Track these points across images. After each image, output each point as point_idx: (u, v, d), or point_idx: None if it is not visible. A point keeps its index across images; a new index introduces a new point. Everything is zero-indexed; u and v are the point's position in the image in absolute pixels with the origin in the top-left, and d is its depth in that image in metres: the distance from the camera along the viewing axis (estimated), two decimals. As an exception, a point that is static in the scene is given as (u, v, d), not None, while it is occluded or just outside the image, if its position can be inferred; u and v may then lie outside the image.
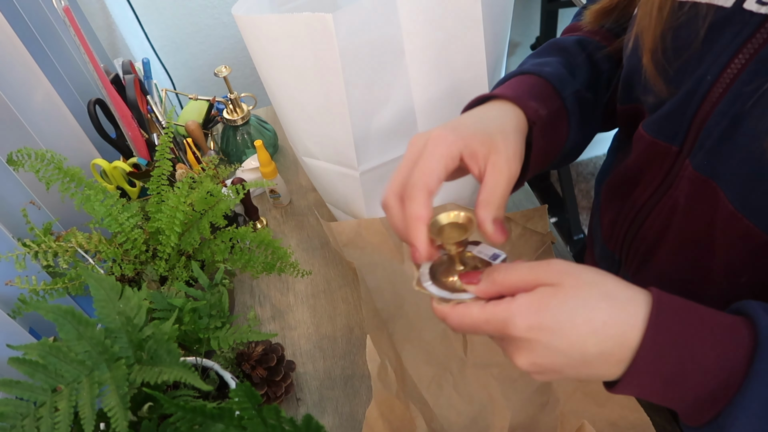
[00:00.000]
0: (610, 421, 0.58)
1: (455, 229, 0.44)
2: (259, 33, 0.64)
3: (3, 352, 0.52)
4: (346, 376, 0.74)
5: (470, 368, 0.68)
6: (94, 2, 1.19)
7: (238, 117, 0.99)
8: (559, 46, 0.61)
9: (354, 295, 0.83)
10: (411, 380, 0.67)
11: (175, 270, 0.69)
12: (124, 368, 0.45)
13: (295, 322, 0.81)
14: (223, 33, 1.42)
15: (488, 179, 0.45)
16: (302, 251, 0.90)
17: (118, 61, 0.98)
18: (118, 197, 0.68)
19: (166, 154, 0.74)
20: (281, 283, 0.86)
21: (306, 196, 0.98)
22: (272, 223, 0.95)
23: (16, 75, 0.77)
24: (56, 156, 0.66)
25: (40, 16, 0.90)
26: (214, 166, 0.81)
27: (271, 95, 0.72)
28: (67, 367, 0.45)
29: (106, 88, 0.84)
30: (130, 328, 0.47)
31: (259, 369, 0.68)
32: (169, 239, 0.68)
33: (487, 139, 0.46)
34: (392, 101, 0.65)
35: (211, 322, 0.61)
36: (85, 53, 0.79)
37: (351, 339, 0.78)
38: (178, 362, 0.46)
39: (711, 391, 0.36)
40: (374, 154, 0.69)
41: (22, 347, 0.44)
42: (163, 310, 0.60)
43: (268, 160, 0.90)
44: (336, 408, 0.72)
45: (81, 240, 0.67)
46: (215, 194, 0.72)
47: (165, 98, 1.04)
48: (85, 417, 0.42)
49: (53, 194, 0.70)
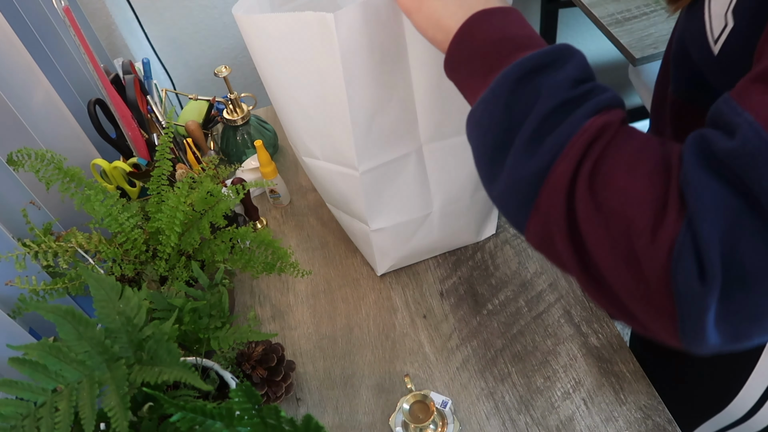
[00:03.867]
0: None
1: (420, 405, 0.65)
2: (260, 32, 0.63)
3: (3, 352, 0.52)
4: (346, 376, 0.74)
5: None
6: (94, 2, 1.19)
7: (238, 117, 0.99)
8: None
9: (354, 295, 0.83)
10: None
11: (175, 270, 0.69)
12: (124, 368, 0.45)
13: (295, 322, 0.81)
14: (223, 33, 1.42)
15: None
16: (302, 251, 0.90)
17: (118, 61, 0.98)
18: (118, 197, 0.68)
19: (166, 154, 0.74)
20: (281, 283, 0.86)
21: (306, 196, 0.98)
22: (272, 223, 0.95)
23: (16, 75, 0.76)
24: (56, 156, 0.66)
25: (40, 16, 0.90)
26: (214, 166, 0.81)
27: (271, 95, 0.72)
28: (67, 367, 0.45)
29: (106, 88, 0.83)
30: (130, 328, 0.47)
31: (259, 369, 0.68)
32: (169, 239, 0.68)
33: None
34: (394, 101, 0.65)
35: (211, 322, 0.61)
36: (85, 53, 0.79)
37: (351, 339, 0.78)
38: (178, 362, 0.46)
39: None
40: (375, 153, 0.68)
41: (22, 347, 0.44)
42: (163, 310, 0.60)
43: (268, 160, 0.90)
44: (336, 408, 0.72)
45: (81, 240, 0.67)
46: (215, 194, 0.72)
47: (165, 98, 1.04)
48: (85, 417, 0.42)
49: (53, 194, 0.70)
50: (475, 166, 0.46)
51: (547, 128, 0.40)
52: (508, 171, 0.42)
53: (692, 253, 0.33)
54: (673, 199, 0.35)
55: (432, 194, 0.76)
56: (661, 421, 0.65)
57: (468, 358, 0.74)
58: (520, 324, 0.76)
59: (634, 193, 0.36)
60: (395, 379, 0.73)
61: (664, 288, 0.35)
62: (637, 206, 0.36)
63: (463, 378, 0.72)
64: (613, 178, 0.37)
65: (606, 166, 0.38)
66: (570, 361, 0.72)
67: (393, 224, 0.77)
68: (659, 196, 0.36)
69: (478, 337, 0.76)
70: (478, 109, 0.44)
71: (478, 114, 0.44)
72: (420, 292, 0.82)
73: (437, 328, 0.78)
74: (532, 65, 0.41)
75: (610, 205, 0.37)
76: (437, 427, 0.67)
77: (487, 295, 0.80)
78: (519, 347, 0.74)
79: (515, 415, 0.68)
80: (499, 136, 0.42)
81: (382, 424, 0.70)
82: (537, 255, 0.83)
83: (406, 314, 0.80)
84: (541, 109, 0.40)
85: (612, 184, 0.37)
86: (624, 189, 0.37)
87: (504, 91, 0.42)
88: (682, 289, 0.34)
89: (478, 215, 0.82)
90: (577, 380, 0.70)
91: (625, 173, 0.37)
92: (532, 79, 0.41)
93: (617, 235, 0.37)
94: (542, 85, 0.41)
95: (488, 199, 0.81)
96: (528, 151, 0.40)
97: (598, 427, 0.66)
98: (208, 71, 1.48)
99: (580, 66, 0.41)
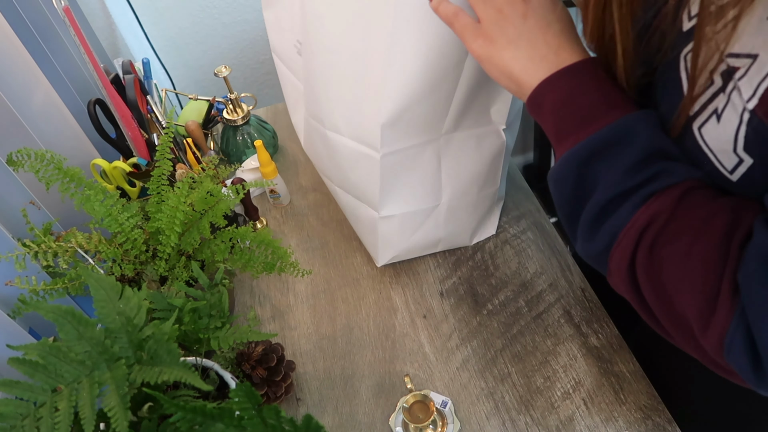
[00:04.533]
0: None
1: (419, 405, 0.65)
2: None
3: (3, 352, 0.52)
4: (346, 376, 0.74)
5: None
6: (94, 2, 1.19)
7: (238, 117, 0.99)
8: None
9: (354, 295, 0.83)
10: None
11: (175, 270, 0.69)
12: (124, 368, 0.45)
13: (295, 322, 0.81)
14: (223, 33, 1.41)
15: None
16: (302, 251, 0.90)
17: (118, 61, 0.98)
18: (118, 197, 0.68)
19: (166, 154, 0.74)
20: (281, 283, 0.86)
21: (306, 196, 0.98)
22: (272, 223, 0.95)
23: (16, 75, 0.76)
24: (56, 156, 0.66)
25: (40, 16, 0.90)
26: (214, 166, 0.81)
27: (309, 60, 0.70)
28: (67, 367, 0.45)
29: (106, 88, 0.83)
30: (130, 328, 0.47)
31: (259, 369, 0.68)
32: (169, 239, 0.68)
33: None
34: (435, 95, 0.63)
35: (211, 322, 0.61)
36: (85, 53, 0.79)
37: (351, 339, 0.78)
38: (178, 362, 0.46)
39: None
40: (398, 138, 0.67)
41: (22, 347, 0.44)
42: (163, 310, 0.60)
43: (268, 160, 0.90)
44: (336, 408, 0.72)
45: (81, 240, 0.67)
46: (215, 194, 0.72)
47: (165, 98, 1.04)
48: (85, 417, 0.42)
49: (53, 194, 0.70)
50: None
51: (603, 217, 0.43)
52: (579, 241, 0.47)
53: (744, 346, 0.36)
54: (726, 288, 0.37)
55: (443, 185, 0.75)
56: (661, 421, 0.65)
57: (468, 358, 0.74)
58: (520, 324, 0.76)
59: (687, 282, 0.39)
60: (395, 379, 0.73)
61: (724, 364, 0.39)
62: (689, 295, 0.39)
63: (463, 378, 0.72)
64: (665, 267, 0.40)
65: (658, 256, 0.41)
66: (570, 361, 0.72)
67: (401, 213, 0.76)
68: (712, 286, 0.38)
69: (478, 337, 0.76)
70: (555, 173, 0.48)
71: (555, 178, 0.48)
72: (420, 292, 0.82)
73: (437, 328, 0.78)
74: (593, 149, 0.44)
75: (667, 292, 0.40)
76: (437, 427, 0.67)
77: (487, 295, 0.80)
78: (519, 347, 0.74)
79: (515, 415, 0.68)
80: (569, 209, 0.47)
81: (382, 424, 0.70)
82: (537, 255, 0.84)
83: (406, 314, 0.80)
84: (598, 198, 0.43)
85: (666, 272, 0.40)
86: (678, 277, 0.40)
87: (570, 172, 0.45)
88: (737, 369, 0.38)
89: (482, 213, 0.82)
90: (577, 380, 0.70)
91: (678, 262, 0.40)
92: (592, 164, 0.44)
93: (675, 318, 0.41)
94: (599, 173, 0.43)
95: (492, 199, 0.82)
96: (591, 232, 0.45)
97: (598, 427, 0.66)
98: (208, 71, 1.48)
99: (640, 148, 0.42)
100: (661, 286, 0.41)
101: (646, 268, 0.41)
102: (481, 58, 0.51)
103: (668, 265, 0.40)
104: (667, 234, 0.40)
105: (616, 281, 0.45)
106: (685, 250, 0.39)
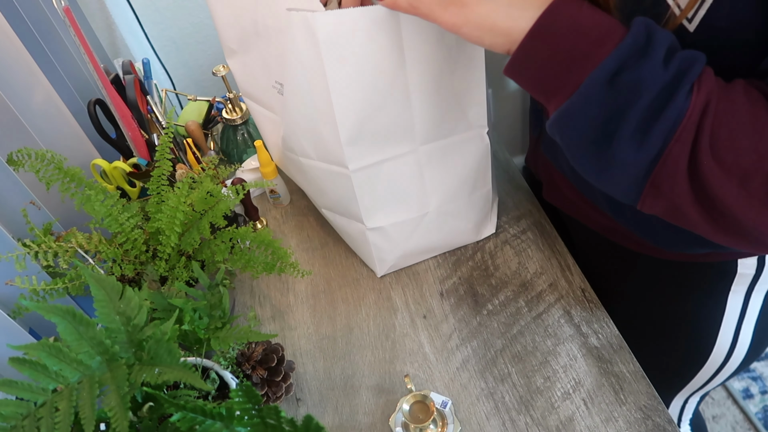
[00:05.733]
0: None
1: (420, 405, 0.65)
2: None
3: (3, 352, 0.52)
4: (346, 376, 0.74)
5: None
6: (94, 2, 1.19)
7: (237, 116, 0.99)
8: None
9: (354, 295, 0.83)
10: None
11: (176, 270, 0.69)
12: (124, 368, 0.45)
13: (295, 322, 0.81)
14: (223, 33, 1.41)
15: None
16: (302, 251, 0.90)
17: (118, 61, 0.98)
18: (118, 197, 0.68)
19: (166, 154, 0.74)
20: (281, 283, 0.86)
21: (306, 196, 0.98)
22: (272, 223, 0.95)
23: (16, 75, 0.76)
24: (56, 156, 0.66)
25: (40, 16, 0.90)
26: (214, 166, 0.81)
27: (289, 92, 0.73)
28: (67, 367, 0.45)
29: (106, 88, 0.83)
30: (130, 328, 0.47)
31: (259, 369, 0.68)
32: (169, 239, 0.68)
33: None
34: (389, 106, 0.65)
35: (212, 323, 0.61)
36: (85, 53, 0.79)
37: (351, 339, 0.78)
38: (178, 362, 0.46)
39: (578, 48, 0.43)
40: (365, 153, 0.69)
41: (22, 347, 0.44)
42: (163, 310, 0.60)
43: (268, 160, 0.90)
44: (336, 408, 0.72)
45: (81, 240, 0.67)
46: (215, 194, 0.72)
47: (165, 98, 1.04)
48: (85, 417, 0.42)
49: (53, 194, 0.70)
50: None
51: (651, 117, 0.42)
52: (612, 160, 0.44)
53: None
54: None
55: (428, 194, 0.75)
56: (661, 421, 0.65)
57: (468, 359, 0.74)
58: (520, 324, 0.76)
59: (765, 147, 0.39)
60: (395, 380, 0.73)
61: None
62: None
63: (463, 378, 0.72)
64: (736, 142, 0.40)
65: (724, 134, 0.40)
66: (570, 362, 0.72)
67: (390, 223, 0.77)
68: None
69: (478, 337, 0.76)
70: (567, 111, 0.45)
71: (569, 115, 0.45)
72: (420, 292, 0.82)
73: (437, 329, 0.78)
74: (619, 65, 0.42)
75: (743, 166, 0.40)
76: (437, 428, 0.67)
77: (487, 296, 0.80)
78: (519, 347, 0.74)
79: (515, 416, 0.68)
80: (598, 132, 0.44)
81: (382, 425, 0.70)
82: (537, 255, 0.84)
83: (406, 314, 0.80)
84: (642, 103, 0.42)
85: (738, 147, 0.40)
86: (753, 148, 0.40)
87: (595, 92, 0.43)
88: None
89: (477, 215, 0.82)
90: (577, 380, 0.70)
91: (749, 134, 0.40)
92: (621, 77, 0.42)
93: (757, 188, 0.40)
94: (634, 80, 0.42)
95: (487, 199, 0.82)
96: (635, 139, 0.42)
97: (598, 427, 0.66)
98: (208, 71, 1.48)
99: (662, 42, 0.42)
100: (735, 165, 0.40)
101: (713, 154, 0.40)
102: (457, 25, 0.48)
103: (738, 140, 0.40)
104: (725, 115, 0.41)
105: (667, 188, 0.43)
106: (749, 121, 0.40)
